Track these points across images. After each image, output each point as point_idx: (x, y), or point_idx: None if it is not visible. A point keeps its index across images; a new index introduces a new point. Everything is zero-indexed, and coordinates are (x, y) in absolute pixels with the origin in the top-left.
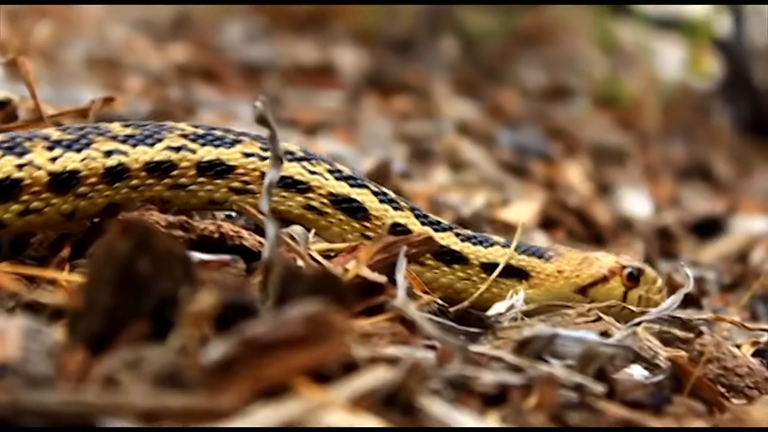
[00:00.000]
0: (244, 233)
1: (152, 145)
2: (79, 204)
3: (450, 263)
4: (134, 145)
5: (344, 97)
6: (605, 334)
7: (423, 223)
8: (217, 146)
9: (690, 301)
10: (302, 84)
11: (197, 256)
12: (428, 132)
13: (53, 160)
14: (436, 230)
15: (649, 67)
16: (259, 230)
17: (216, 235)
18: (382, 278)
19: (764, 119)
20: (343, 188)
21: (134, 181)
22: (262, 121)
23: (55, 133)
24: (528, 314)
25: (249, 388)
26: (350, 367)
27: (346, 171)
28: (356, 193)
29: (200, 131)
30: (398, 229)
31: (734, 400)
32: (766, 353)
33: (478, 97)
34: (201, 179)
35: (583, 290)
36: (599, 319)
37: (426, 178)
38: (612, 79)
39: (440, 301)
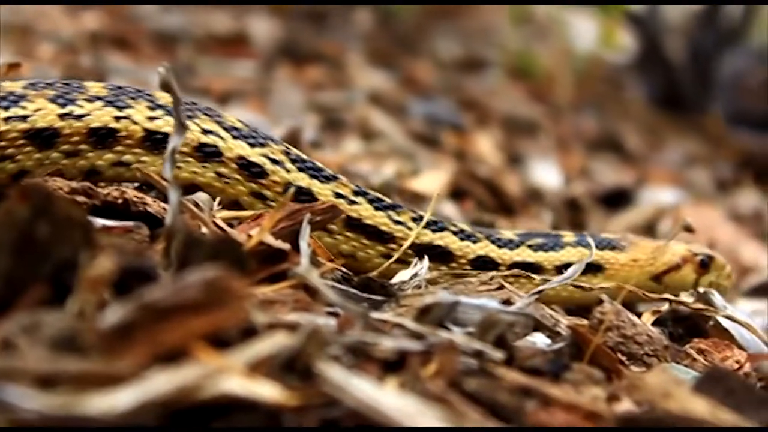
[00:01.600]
0: (149, 200)
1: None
2: None
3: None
4: None
5: (257, 66)
6: (507, 302)
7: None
8: None
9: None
10: (216, 53)
11: (100, 222)
12: (340, 102)
13: None
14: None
15: (562, 40)
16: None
17: (120, 201)
18: (285, 245)
19: (677, 93)
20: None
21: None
22: (165, 87)
23: None
24: (432, 282)
25: (146, 352)
26: (249, 333)
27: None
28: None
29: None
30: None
31: (633, 368)
32: (666, 322)
33: (392, 68)
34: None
35: (657, 278)
36: (502, 287)
37: (337, 148)
38: (525, 51)
39: (344, 270)
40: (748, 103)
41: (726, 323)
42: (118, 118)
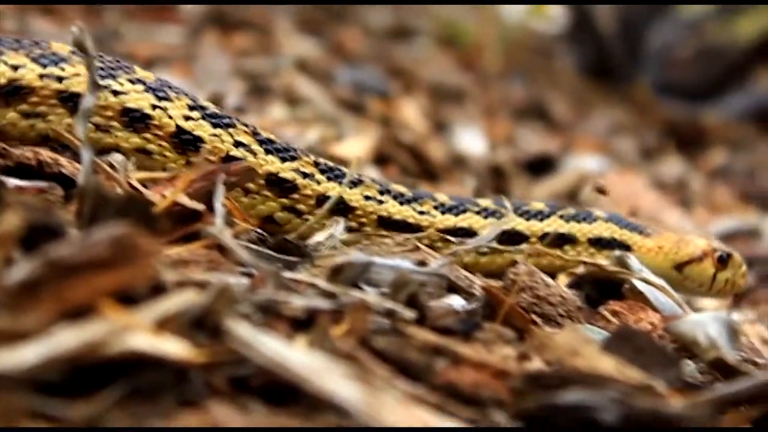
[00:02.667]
0: (63, 161)
1: None
2: None
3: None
4: None
5: (184, 32)
6: (422, 263)
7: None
8: None
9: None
10: (143, 19)
11: (12, 182)
12: (267, 69)
13: None
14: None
15: (491, 10)
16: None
17: (33, 162)
18: (200, 206)
19: (606, 63)
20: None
21: None
22: (79, 47)
23: None
24: (348, 244)
25: (53, 309)
26: (158, 291)
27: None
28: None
29: None
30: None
31: (547, 328)
32: (583, 285)
33: (321, 36)
34: None
35: (679, 267)
36: (417, 249)
37: (261, 114)
38: (455, 20)
39: (260, 230)
40: (677, 74)
41: (642, 286)
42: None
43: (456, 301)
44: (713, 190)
